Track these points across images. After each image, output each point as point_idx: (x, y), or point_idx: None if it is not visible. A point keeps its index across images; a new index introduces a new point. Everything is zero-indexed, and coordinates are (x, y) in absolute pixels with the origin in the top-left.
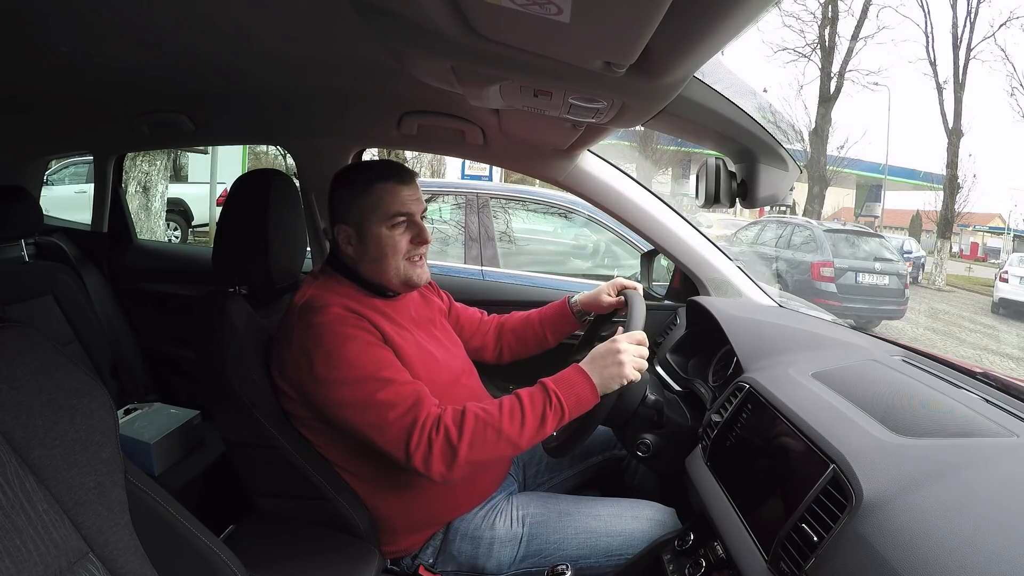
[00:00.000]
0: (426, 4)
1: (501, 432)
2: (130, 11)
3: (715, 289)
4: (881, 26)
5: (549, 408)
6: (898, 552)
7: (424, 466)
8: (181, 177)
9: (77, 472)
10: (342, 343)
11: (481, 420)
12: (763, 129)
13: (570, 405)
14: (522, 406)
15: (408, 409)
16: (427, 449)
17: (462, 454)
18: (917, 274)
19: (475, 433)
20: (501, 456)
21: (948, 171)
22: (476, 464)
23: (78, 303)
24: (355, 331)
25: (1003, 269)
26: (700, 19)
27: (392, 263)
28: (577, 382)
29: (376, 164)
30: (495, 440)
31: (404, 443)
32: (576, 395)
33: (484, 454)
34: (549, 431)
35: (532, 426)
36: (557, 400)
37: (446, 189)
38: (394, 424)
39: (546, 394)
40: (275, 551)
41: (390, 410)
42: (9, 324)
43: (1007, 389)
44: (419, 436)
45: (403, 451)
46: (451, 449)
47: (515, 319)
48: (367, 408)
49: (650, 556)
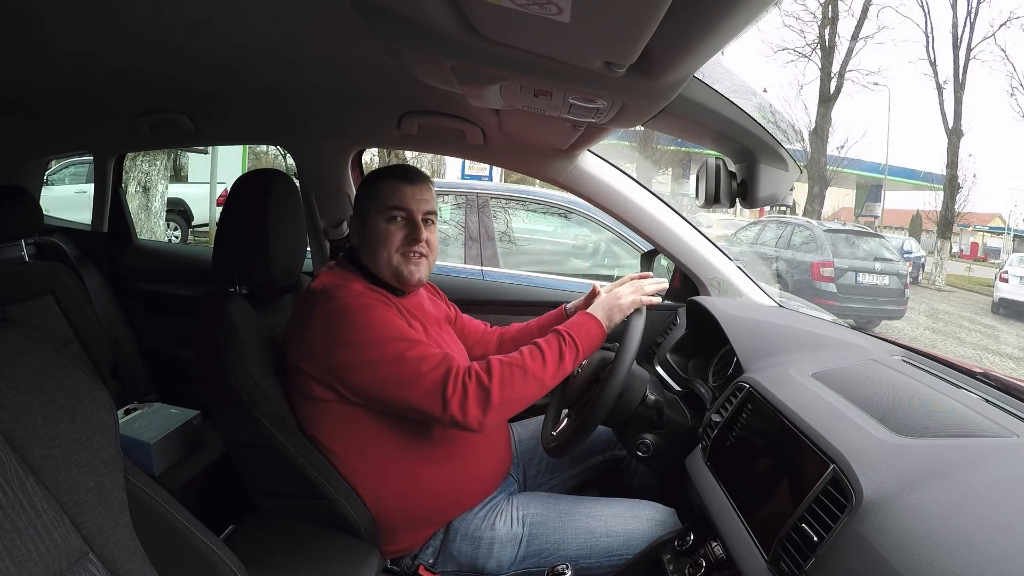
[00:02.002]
0: (426, 4)
1: (527, 370)
2: (130, 11)
3: (715, 289)
4: (881, 26)
5: (565, 345)
6: (898, 552)
7: (461, 412)
8: (181, 177)
9: (77, 472)
10: (367, 310)
11: (506, 363)
12: (763, 129)
13: (582, 340)
14: (540, 347)
15: (440, 362)
16: (463, 394)
17: (495, 395)
18: (917, 274)
19: (503, 374)
20: (530, 395)
21: (948, 171)
22: (508, 404)
23: (78, 303)
24: (377, 302)
25: (1003, 269)
26: (700, 19)
27: (384, 254)
28: (584, 321)
29: (394, 167)
30: (523, 378)
31: (441, 392)
32: (586, 331)
33: (514, 392)
34: (568, 366)
35: (553, 362)
36: (571, 338)
37: (446, 189)
38: (428, 375)
39: (559, 335)
40: (275, 551)
41: (422, 363)
42: (9, 324)
43: (1007, 389)
44: (454, 384)
45: (440, 400)
46: (484, 392)
47: (514, 329)
48: (400, 363)
49: (650, 556)
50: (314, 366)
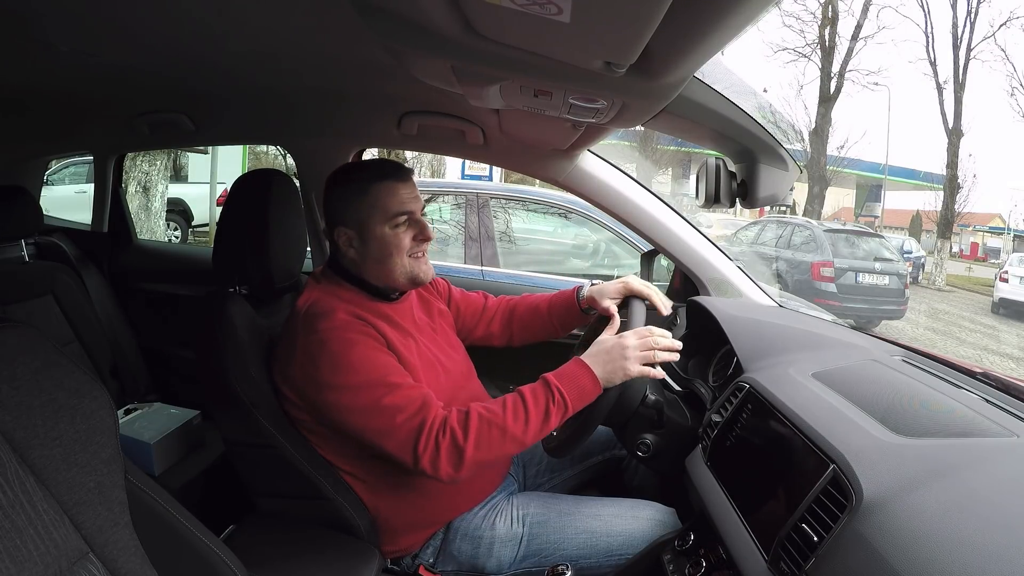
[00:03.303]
0: (426, 4)
1: (506, 431)
2: (130, 11)
3: (715, 289)
4: (881, 26)
5: (552, 404)
6: (898, 552)
7: (432, 468)
8: (181, 177)
9: (77, 472)
10: (348, 349)
11: (485, 420)
12: (763, 129)
13: (573, 399)
14: (525, 403)
15: (415, 412)
16: (435, 451)
17: (469, 454)
18: (917, 274)
19: (480, 433)
20: (507, 453)
21: (948, 171)
22: (482, 463)
23: (78, 303)
24: (360, 336)
25: (1003, 269)
26: (700, 19)
27: (397, 262)
28: (579, 375)
29: (371, 163)
30: (500, 439)
31: (412, 447)
32: (579, 388)
33: (490, 453)
34: (553, 426)
35: (536, 422)
36: (560, 395)
37: (446, 189)
38: (401, 428)
39: (548, 389)
40: (275, 551)
41: (397, 414)
42: (9, 324)
43: (1007, 389)
44: (426, 439)
45: (411, 454)
46: (458, 450)
47: (524, 309)
48: (374, 413)
49: (650, 556)
50: (296, 395)
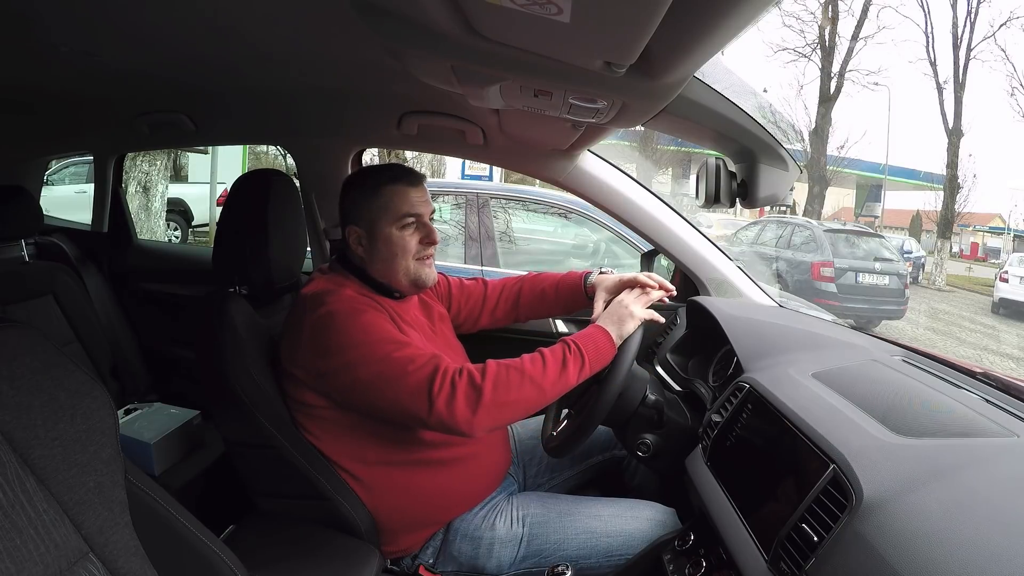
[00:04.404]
0: (426, 4)
1: (524, 372)
2: (130, 11)
3: (715, 289)
4: (881, 26)
5: (569, 353)
6: (898, 552)
7: (448, 411)
8: (181, 177)
9: (77, 472)
10: (356, 315)
11: (503, 364)
12: (763, 129)
13: (588, 350)
14: (542, 353)
15: (427, 362)
16: (451, 391)
17: (487, 394)
18: (917, 274)
19: (498, 374)
20: (526, 398)
21: (948, 171)
22: (502, 406)
23: (78, 303)
24: (367, 307)
25: (1003, 269)
26: (700, 19)
27: (402, 263)
28: (591, 332)
29: (387, 167)
30: (519, 380)
31: (427, 389)
32: (592, 341)
33: (508, 394)
34: (572, 377)
35: (554, 368)
36: (575, 346)
37: (446, 189)
38: (414, 373)
39: (564, 343)
40: (275, 551)
41: (408, 364)
42: (10, 324)
43: (1007, 389)
44: (441, 380)
45: (426, 398)
46: (475, 390)
47: (529, 294)
48: (386, 362)
49: (650, 556)
50: (305, 372)
